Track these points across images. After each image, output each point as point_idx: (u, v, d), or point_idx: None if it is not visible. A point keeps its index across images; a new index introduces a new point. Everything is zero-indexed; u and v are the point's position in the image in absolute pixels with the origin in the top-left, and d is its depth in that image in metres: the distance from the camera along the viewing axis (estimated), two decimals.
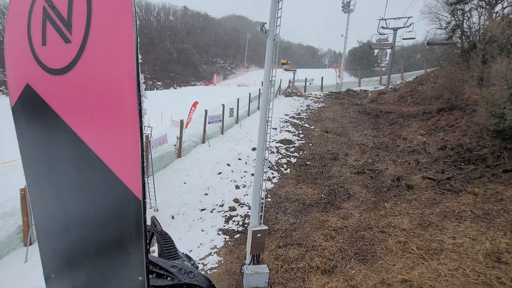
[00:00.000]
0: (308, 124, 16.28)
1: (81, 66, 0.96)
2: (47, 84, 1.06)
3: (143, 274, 0.92)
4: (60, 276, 1.26)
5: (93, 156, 0.98)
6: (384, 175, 9.97)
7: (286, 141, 13.50)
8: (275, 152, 12.49)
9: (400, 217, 6.86)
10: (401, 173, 9.97)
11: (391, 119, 16.11)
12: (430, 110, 14.50)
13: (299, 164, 11.70)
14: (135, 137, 0.87)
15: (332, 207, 8.13)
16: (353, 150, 12.54)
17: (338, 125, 16.02)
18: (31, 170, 1.25)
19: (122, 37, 0.85)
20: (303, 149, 12.92)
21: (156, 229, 1.52)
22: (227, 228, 7.50)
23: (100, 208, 1.03)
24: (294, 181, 10.18)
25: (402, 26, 22.47)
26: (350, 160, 11.56)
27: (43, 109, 1.09)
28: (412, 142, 12.32)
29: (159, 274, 1.13)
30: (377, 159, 11.48)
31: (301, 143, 13.53)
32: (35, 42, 1.08)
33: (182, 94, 29.90)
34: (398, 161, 10.96)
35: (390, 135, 14.17)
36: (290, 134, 14.52)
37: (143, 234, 0.91)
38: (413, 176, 9.64)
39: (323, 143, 13.47)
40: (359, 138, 14.16)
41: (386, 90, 21.55)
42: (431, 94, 16.48)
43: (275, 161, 11.70)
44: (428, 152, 10.72)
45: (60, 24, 0.99)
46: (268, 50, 6.05)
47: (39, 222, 1.30)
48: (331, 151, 12.52)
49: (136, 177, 0.89)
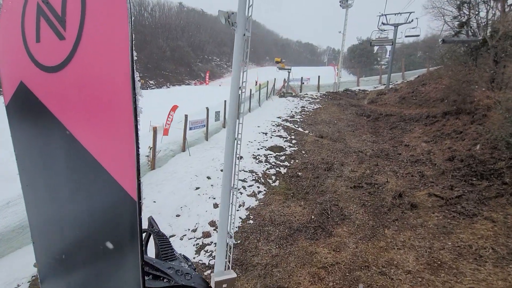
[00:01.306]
0: (302, 128, 15.05)
1: (76, 64, 0.94)
2: (41, 82, 1.05)
3: (138, 275, 0.89)
4: (55, 277, 1.24)
5: (87, 155, 0.95)
6: (384, 190, 8.77)
7: (277, 148, 12.28)
8: (263, 161, 11.27)
9: (404, 251, 5.65)
10: (403, 187, 8.77)
11: (391, 122, 14.89)
12: (434, 113, 13.28)
13: (290, 175, 10.49)
14: (130, 136, 0.84)
15: (323, 232, 6.92)
16: (349, 159, 11.33)
17: (334, 129, 14.80)
18: (25, 169, 1.23)
19: (117, 34, 0.82)
20: (295, 158, 11.70)
21: (153, 229, 1.44)
22: (197, 262, 6.29)
23: (95, 208, 1.00)
24: (282, 197, 8.97)
25: (403, 22, 21.17)
26: (346, 171, 10.35)
27: (37, 108, 1.07)
28: (415, 150, 11.11)
29: (155, 275, 1.06)
30: (376, 169, 10.27)
31: (293, 150, 12.30)
32: (29, 39, 1.06)
33: (172, 94, 28.58)
34: (400, 173, 9.76)
35: (390, 141, 12.96)
36: (281, 139, 13.30)
37: (138, 235, 0.88)
38: (417, 192, 8.44)
39: (317, 150, 12.25)
40: (356, 144, 12.95)
41: (386, 90, 20.32)
42: (435, 96, 15.26)
43: (262, 172, 10.49)
44: (434, 163, 9.50)
45: (54, 20, 0.97)
46: (237, 49, 4.78)
47: (34, 223, 1.27)
48: (325, 159, 11.30)
49: (132, 178, 0.86)
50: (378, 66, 47.86)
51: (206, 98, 20.86)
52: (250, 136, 13.56)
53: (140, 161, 0.87)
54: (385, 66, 50.90)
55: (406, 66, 24.01)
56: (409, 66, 26.87)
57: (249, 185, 9.57)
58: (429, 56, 25.69)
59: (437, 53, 35.67)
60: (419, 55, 52.03)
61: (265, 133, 13.98)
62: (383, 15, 21.58)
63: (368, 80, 24.65)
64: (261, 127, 14.76)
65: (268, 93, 20.76)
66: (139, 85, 0.83)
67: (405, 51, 49.81)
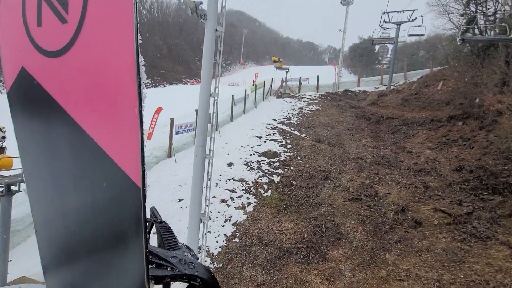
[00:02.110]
0: (298, 132, 14.26)
1: (78, 48, 0.90)
2: (43, 68, 1.03)
3: (142, 264, 0.87)
4: (58, 266, 1.24)
5: (91, 142, 0.92)
6: (385, 203, 8.00)
7: (271, 154, 11.50)
8: (255, 168, 10.49)
9: (408, 283, 4.88)
10: (406, 200, 8.01)
11: (393, 126, 14.09)
12: (439, 117, 12.46)
13: (283, 184, 9.72)
14: (135, 122, 0.80)
15: (316, 255, 6.15)
16: (348, 166, 10.55)
17: (332, 133, 14.00)
18: (28, 157, 1.21)
19: (121, 17, 0.78)
20: (290, 164, 10.92)
21: (156, 219, 1.40)
22: None
23: (99, 196, 0.96)
24: (273, 210, 8.20)
25: (406, 20, 20.31)
26: (344, 180, 9.57)
27: (39, 94, 1.05)
28: (419, 157, 10.31)
29: (159, 264, 1.05)
30: (377, 179, 9.50)
31: (287, 156, 11.52)
32: (30, 23, 1.04)
33: (167, 93, 27.72)
34: (403, 183, 8.98)
35: (392, 146, 12.17)
36: (276, 144, 12.51)
37: (143, 223, 0.84)
38: (421, 206, 7.67)
39: (314, 156, 11.47)
40: (356, 149, 12.15)
41: (387, 92, 19.50)
42: (440, 98, 14.45)
43: (253, 180, 9.72)
44: (440, 174, 8.71)
45: (56, 3, 0.93)
46: (207, 47, 4.08)
47: (37, 211, 1.26)
48: (322, 167, 10.52)
49: (136, 164, 0.82)
50: (379, 66, 47.01)
51: None
52: (242, 140, 12.80)
53: (144, 149, 0.83)
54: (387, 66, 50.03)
55: (408, 66, 23.16)
56: (411, 66, 26.02)
57: (238, 196, 8.80)
58: (433, 55, 24.81)
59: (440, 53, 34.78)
60: (421, 55, 51.07)
61: (259, 136, 13.20)
62: (385, 13, 20.71)
63: (369, 80, 23.79)
64: (255, 130, 13.98)
65: (264, 93, 19.95)
66: (143, 69, 0.81)
67: (407, 51, 48.83)
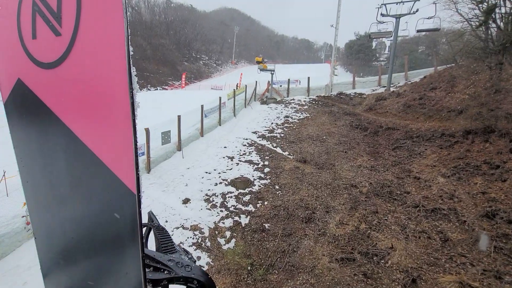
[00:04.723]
0: (280, 148, 11.87)
1: (73, 60, 0.95)
2: (39, 79, 1.06)
3: (139, 267, 0.91)
4: (57, 272, 1.27)
5: (87, 150, 0.96)
6: (388, 267, 5.65)
7: (242, 183, 9.10)
8: (218, 205, 8.12)
9: None
10: (417, 261, 5.68)
11: (394, 139, 11.70)
12: (451, 130, 10.08)
13: (252, 229, 7.36)
14: (128, 130, 0.84)
15: None
16: (338, 200, 8.18)
17: (321, 149, 11.62)
18: (25, 166, 1.24)
19: (112, 29, 0.82)
20: (264, 197, 8.55)
21: (153, 223, 1.44)
22: None
23: (96, 203, 1.01)
24: (231, 279, 5.83)
25: (406, 13, 17.89)
26: (332, 224, 7.21)
27: (35, 104, 1.08)
28: (430, 188, 7.95)
29: (156, 268, 1.09)
30: (376, 221, 7.15)
31: (263, 185, 9.14)
32: (25, 35, 1.07)
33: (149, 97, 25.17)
34: (411, 230, 6.64)
35: (394, 167, 9.80)
36: (251, 167, 10.13)
37: (139, 228, 0.88)
38: (440, 275, 5.32)
39: (296, 184, 9.10)
40: (349, 173, 9.78)
41: (386, 94, 17.12)
42: (450, 104, 12.06)
43: (213, 225, 7.34)
44: (462, 219, 6.35)
45: (49, 16, 0.98)
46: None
47: (35, 218, 1.28)
48: (305, 201, 8.16)
49: (130, 171, 0.86)
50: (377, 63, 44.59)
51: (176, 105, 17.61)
52: (210, 162, 10.41)
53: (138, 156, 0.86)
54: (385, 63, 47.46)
55: (408, 64, 20.72)
56: (410, 63, 23.59)
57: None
58: (436, 52, 22.41)
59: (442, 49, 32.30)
60: (420, 51, 48.60)
61: (232, 157, 10.81)
62: (383, 5, 18.30)
63: (365, 81, 21.34)
64: (229, 148, 11.59)
65: (246, 99, 17.50)
66: (135, 79, 0.84)
67: (405, 47, 46.31)
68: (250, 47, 71.55)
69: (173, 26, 51.67)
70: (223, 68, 56.77)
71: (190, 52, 51.25)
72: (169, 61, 43.95)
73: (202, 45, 54.42)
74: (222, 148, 11.63)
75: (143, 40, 41.61)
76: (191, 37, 52.52)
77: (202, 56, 53.96)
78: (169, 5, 61.58)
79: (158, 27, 48.41)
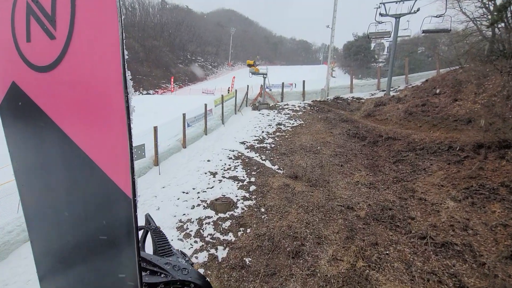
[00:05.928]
0: (270, 162, 10.76)
1: (67, 63, 0.94)
2: (34, 82, 1.05)
3: (135, 271, 0.91)
4: (53, 275, 1.26)
5: (82, 154, 0.96)
6: None
7: (222, 205, 7.98)
8: (193, 234, 7.00)
9: None
10: None
11: (395, 151, 10.61)
12: (459, 143, 8.98)
13: (230, 266, 6.23)
14: (124, 134, 0.84)
15: None
16: (332, 227, 7.08)
17: (315, 162, 10.52)
18: (21, 170, 1.23)
19: (107, 32, 0.81)
20: (247, 223, 7.43)
21: (150, 226, 1.43)
22: None
23: (91, 207, 1.01)
24: None
25: (406, 12, 16.85)
26: (323, 261, 6.09)
27: (30, 108, 1.07)
28: (439, 214, 6.84)
29: (152, 271, 1.08)
30: (375, 255, 6.04)
31: (246, 207, 8.03)
32: (20, 39, 1.06)
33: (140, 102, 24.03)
34: (417, 269, 5.53)
35: (396, 185, 8.70)
36: (235, 185, 9.01)
37: (135, 232, 0.89)
38: None
39: (284, 207, 7.98)
40: (345, 191, 8.68)
41: (386, 99, 16.05)
42: (456, 112, 10.98)
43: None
44: (480, 261, 5.23)
45: (44, 19, 0.97)
46: None
47: (31, 222, 1.28)
48: (293, 228, 7.05)
49: (126, 175, 0.86)
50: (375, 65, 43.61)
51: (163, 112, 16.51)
52: (190, 180, 9.28)
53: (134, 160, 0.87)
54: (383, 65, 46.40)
55: (408, 66, 19.64)
56: (411, 66, 22.52)
57: None
58: (437, 53, 21.36)
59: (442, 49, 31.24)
60: (420, 52, 47.62)
61: (214, 173, 9.68)
62: (382, 4, 17.26)
63: (363, 85, 20.26)
64: (212, 162, 10.47)
65: (237, 105, 16.37)
66: (131, 83, 0.83)
67: (405, 47, 45.31)
68: (247, 49, 70.56)
69: (167, 27, 50.55)
70: (219, 70, 55.63)
71: (185, 54, 50.11)
72: (162, 64, 42.80)
73: (197, 47, 53.30)
74: (205, 162, 10.51)
75: (136, 42, 40.51)
76: (186, 39, 51.40)
77: (198, 58, 52.78)
78: (164, 6, 60.56)
79: (152, 28, 47.29)
